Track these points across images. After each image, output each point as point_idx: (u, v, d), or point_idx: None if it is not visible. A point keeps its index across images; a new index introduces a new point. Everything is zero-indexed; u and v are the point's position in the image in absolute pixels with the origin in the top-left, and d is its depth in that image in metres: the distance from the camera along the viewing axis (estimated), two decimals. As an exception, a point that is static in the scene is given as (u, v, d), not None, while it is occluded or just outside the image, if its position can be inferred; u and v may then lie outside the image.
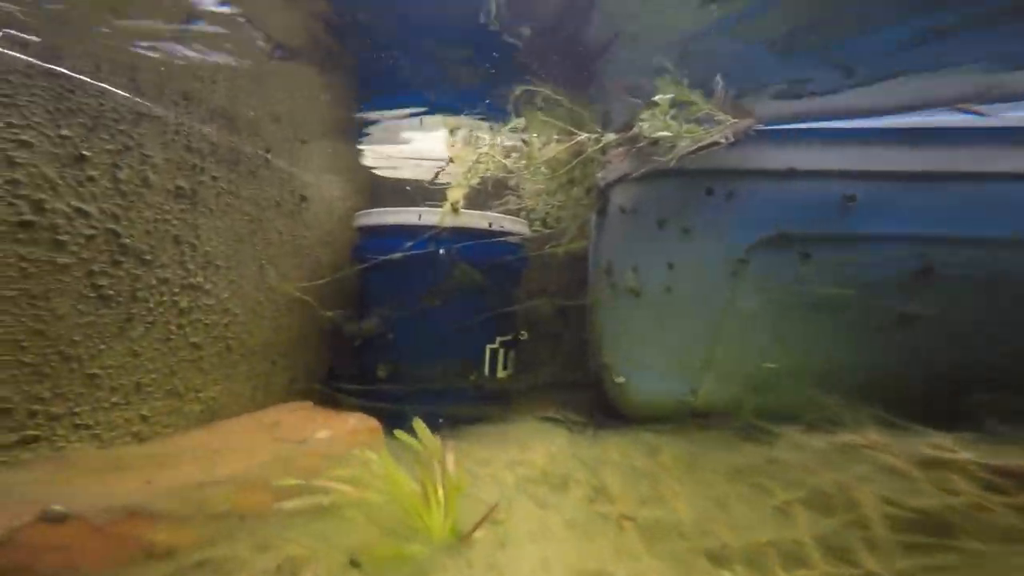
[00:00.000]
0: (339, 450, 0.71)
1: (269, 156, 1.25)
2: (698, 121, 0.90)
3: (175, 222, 0.93)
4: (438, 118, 1.40)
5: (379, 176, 1.89)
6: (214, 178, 1.04)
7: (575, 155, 1.04)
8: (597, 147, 1.00)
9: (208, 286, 1.02)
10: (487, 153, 1.21)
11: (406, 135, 1.53)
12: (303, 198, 1.40)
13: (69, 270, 0.74)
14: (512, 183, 1.33)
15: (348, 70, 1.55)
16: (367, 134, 1.61)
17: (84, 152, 0.75)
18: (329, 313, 1.39)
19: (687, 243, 1.04)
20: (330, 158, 1.62)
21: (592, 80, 1.34)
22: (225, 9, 1.05)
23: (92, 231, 0.77)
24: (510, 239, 1.41)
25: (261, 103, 1.24)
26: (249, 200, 1.16)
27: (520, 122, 1.14)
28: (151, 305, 0.88)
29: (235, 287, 1.10)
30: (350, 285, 1.60)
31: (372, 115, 1.54)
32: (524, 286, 1.57)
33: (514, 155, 1.20)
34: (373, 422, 0.79)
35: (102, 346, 0.79)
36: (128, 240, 0.83)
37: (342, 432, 0.74)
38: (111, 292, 0.80)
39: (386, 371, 1.42)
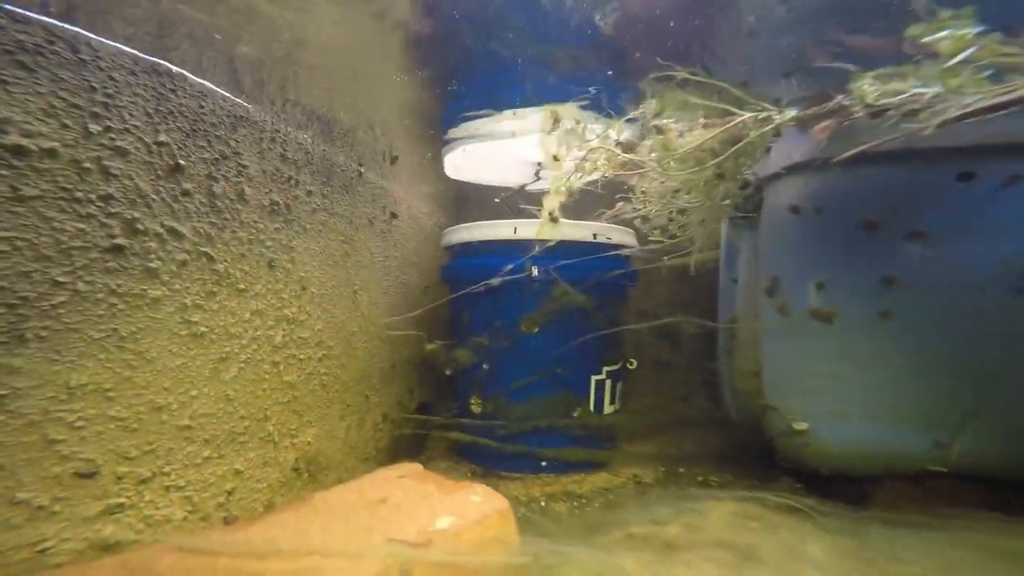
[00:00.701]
0: (469, 549, 0.56)
1: (362, 169, 1.13)
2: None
3: (269, 243, 0.81)
4: (535, 110, 1.25)
5: (466, 186, 1.76)
6: (308, 192, 0.92)
7: (730, 142, 0.84)
8: (767, 128, 0.79)
9: (303, 317, 0.90)
10: (597, 148, 1.04)
11: (497, 134, 1.38)
12: (393, 215, 1.28)
13: (160, 304, 0.62)
14: (629, 184, 1.16)
15: (436, 62, 1.44)
16: (453, 139, 1.48)
17: (180, 161, 0.63)
18: (429, 346, 1.25)
19: (921, 251, 0.78)
20: (417, 167, 1.51)
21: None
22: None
23: (185, 256, 0.66)
24: (618, 252, 1.25)
25: (355, 106, 1.13)
26: (343, 218, 1.04)
27: (650, 105, 0.97)
28: (244, 342, 0.76)
29: (329, 316, 0.98)
30: (438, 309, 1.47)
31: (462, 116, 1.41)
32: (630, 307, 1.39)
33: (644, 144, 1.02)
34: (501, 502, 0.63)
35: (194, 392, 0.67)
36: (222, 266, 0.71)
37: (467, 520, 0.58)
38: (204, 329, 0.68)
39: (480, 405, 1.27)
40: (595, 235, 1.18)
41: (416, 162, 1.50)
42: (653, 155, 0.92)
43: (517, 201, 1.61)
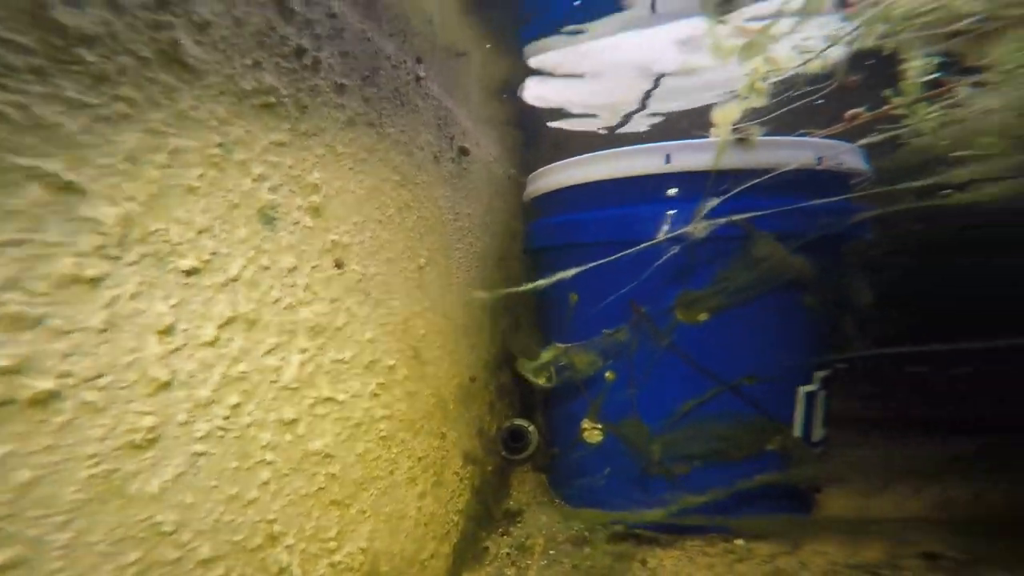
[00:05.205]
0: None
1: (422, 72, 0.66)
2: None
3: (259, 169, 0.35)
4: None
5: (540, 130, 1.28)
6: (339, 88, 0.46)
7: None
8: None
9: (340, 320, 0.44)
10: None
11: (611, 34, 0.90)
12: (463, 151, 0.81)
13: None
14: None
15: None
16: (539, 50, 0.99)
17: None
18: (536, 361, 0.80)
19: None
20: (485, 92, 1.03)
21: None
22: None
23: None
24: (852, 185, 0.74)
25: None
26: (398, 144, 0.58)
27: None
28: (198, 391, 0.30)
29: (385, 314, 0.53)
30: (522, 296, 1.01)
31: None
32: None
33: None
34: None
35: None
36: (109, 211, 0.25)
37: None
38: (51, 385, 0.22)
39: (600, 433, 0.81)
40: (820, 159, 0.67)
41: (483, 85, 1.02)
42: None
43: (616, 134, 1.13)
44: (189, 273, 0.29)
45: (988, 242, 0.91)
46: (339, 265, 0.45)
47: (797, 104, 0.66)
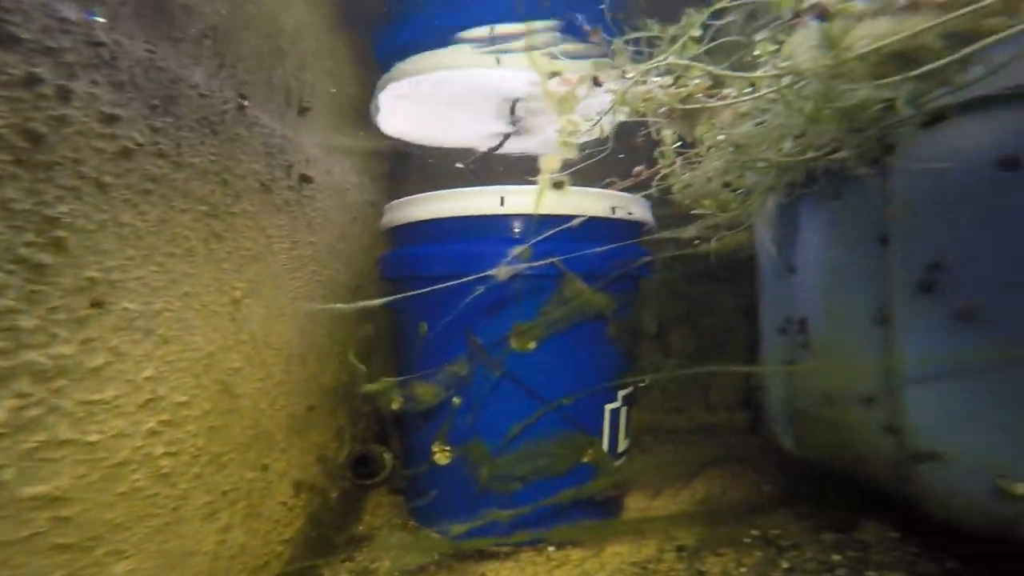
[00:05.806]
0: None
1: (246, 101, 0.65)
2: None
3: None
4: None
5: (406, 154, 1.28)
6: (107, 117, 0.44)
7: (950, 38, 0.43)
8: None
9: (96, 362, 0.42)
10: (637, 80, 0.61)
11: (462, 66, 0.93)
12: (304, 179, 0.80)
13: None
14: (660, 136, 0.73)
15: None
16: (395, 77, 1.01)
17: None
18: (370, 386, 0.79)
19: None
20: (339, 117, 1.02)
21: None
22: None
23: None
24: (641, 232, 0.84)
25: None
26: (206, 175, 0.56)
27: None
28: None
29: (177, 350, 0.50)
30: (379, 322, 1.01)
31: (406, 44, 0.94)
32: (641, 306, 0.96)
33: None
34: None
35: None
36: None
37: None
38: None
39: (449, 455, 0.82)
40: (614, 208, 0.75)
41: (337, 108, 1.02)
42: (799, 63, 0.49)
43: (487, 166, 1.16)
44: None
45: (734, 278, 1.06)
46: (98, 304, 0.43)
47: (599, 159, 0.72)
